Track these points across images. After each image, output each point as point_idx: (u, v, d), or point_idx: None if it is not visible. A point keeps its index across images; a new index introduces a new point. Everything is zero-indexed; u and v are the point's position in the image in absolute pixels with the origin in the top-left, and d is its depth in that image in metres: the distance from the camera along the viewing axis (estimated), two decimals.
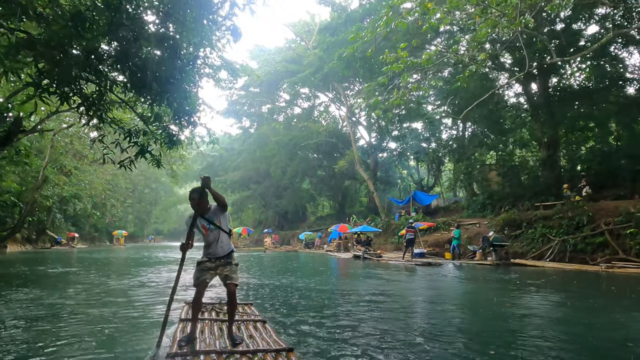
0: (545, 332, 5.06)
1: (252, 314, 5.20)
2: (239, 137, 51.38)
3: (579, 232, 14.65)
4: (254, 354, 3.52)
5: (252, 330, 4.32)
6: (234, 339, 3.85)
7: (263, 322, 4.69)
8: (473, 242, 19.03)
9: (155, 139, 10.80)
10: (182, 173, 33.98)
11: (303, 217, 50.66)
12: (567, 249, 14.54)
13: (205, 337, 4.02)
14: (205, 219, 3.98)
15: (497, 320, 5.84)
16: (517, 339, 4.75)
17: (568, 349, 4.33)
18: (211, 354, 3.45)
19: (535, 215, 16.93)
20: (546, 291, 8.62)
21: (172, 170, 23.48)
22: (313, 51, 32.69)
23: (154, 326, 4.89)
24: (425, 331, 5.07)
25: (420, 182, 36.00)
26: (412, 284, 10.62)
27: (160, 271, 13.53)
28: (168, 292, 5.03)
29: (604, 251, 13.61)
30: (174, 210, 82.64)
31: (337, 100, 41.39)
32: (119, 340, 4.55)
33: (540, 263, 14.32)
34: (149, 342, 4.31)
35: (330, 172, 43.12)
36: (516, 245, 16.64)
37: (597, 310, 6.70)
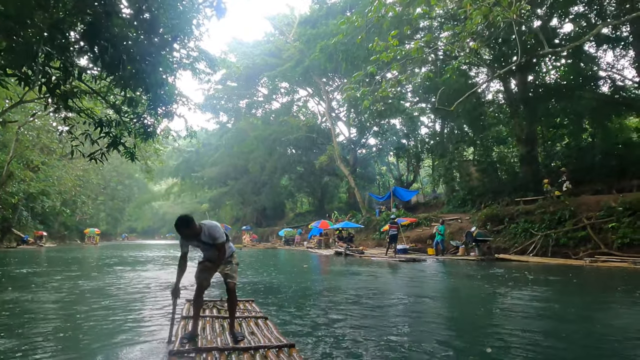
0: (541, 328, 4.81)
1: (253, 311, 5.18)
2: (216, 132, 50.35)
3: (561, 226, 14.73)
4: (255, 350, 3.53)
5: (253, 327, 4.34)
6: (236, 335, 3.88)
7: (264, 319, 4.69)
8: (455, 237, 18.99)
9: (129, 131, 10.12)
10: (157, 169, 32.89)
11: (282, 214, 50.12)
12: (550, 244, 14.59)
13: (207, 334, 4.04)
14: (200, 241, 3.84)
15: (490, 316, 5.56)
16: (510, 334, 4.51)
17: (559, 347, 4.09)
18: (213, 351, 3.46)
19: (517, 210, 16.98)
20: (534, 286, 8.47)
21: (147, 165, 22.52)
22: (293, 44, 32.11)
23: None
24: (423, 328, 4.74)
25: (400, 178, 35.99)
26: (399, 280, 10.33)
27: (137, 272, 12.82)
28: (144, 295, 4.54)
29: (586, 245, 13.71)
30: (149, 208, 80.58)
31: (316, 95, 40.95)
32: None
33: (524, 258, 14.33)
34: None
35: (309, 168, 42.70)
36: (499, 240, 16.65)
37: (591, 304, 6.54)
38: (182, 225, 3.63)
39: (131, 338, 4.39)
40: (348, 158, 35.99)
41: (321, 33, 24.71)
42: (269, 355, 3.43)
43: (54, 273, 11.94)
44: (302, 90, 42.77)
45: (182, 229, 3.64)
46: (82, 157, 10.18)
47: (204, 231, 3.76)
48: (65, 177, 31.74)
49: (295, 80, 36.62)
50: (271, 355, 3.42)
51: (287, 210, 52.27)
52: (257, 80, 41.65)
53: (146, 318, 5.49)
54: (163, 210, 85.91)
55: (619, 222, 13.02)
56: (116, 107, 9.07)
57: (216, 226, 3.83)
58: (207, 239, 3.78)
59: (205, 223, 3.82)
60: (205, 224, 3.80)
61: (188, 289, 7.42)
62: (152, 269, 13.39)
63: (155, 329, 4.81)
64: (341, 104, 39.33)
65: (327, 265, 15.34)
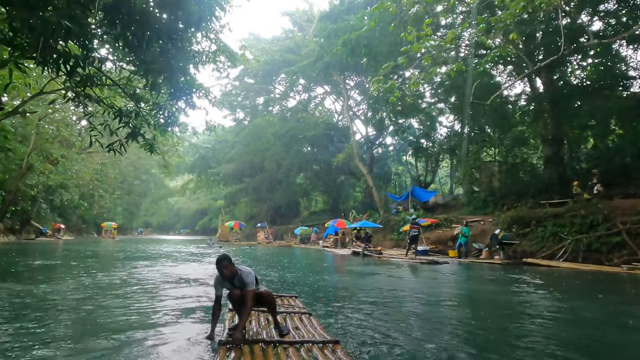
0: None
1: (297, 306, 5.26)
2: (232, 129, 50.26)
3: (593, 231, 13.99)
4: (301, 344, 3.60)
5: (297, 322, 4.41)
6: (281, 329, 3.95)
7: (309, 315, 4.74)
8: (478, 239, 18.35)
9: (148, 122, 9.84)
10: (174, 164, 32.86)
11: (296, 212, 49.81)
12: (581, 249, 13.87)
13: (253, 326, 4.19)
14: (232, 283, 4.01)
15: (541, 327, 5.07)
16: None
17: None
18: (260, 342, 3.58)
19: (545, 213, 16.26)
20: (578, 295, 7.91)
21: (165, 160, 22.36)
22: (313, 39, 31.66)
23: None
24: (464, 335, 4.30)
25: (418, 178, 35.33)
26: (426, 283, 9.86)
27: (157, 268, 12.59)
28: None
29: (621, 251, 12.97)
30: (164, 203, 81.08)
31: (334, 93, 40.50)
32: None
33: (554, 263, 13.65)
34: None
35: (325, 167, 42.30)
36: (525, 244, 15.97)
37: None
38: (225, 259, 3.89)
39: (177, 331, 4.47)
40: (365, 157, 35.46)
41: (342, 28, 24.22)
42: (313, 350, 3.47)
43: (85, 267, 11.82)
44: (319, 88, 42.41)
45: (226, 262, 3.88)
46: (100, 151, 9.92)
47: (239, 275, 3.95)
48: (84, 171, 31.92)
49: (313, 78, 36.21)
50: (315, 350, 3.46)
51: (302, 209, 51.96)
52: (275, 77, 41.36)
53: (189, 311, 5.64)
54: (178, 206, 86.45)
55: None
56: (136, 96, 8.79)
57: (250, 273, 3.98)
58: (239, 283, 3.95)
59: (241, 268, 4.01)
60: (241, 269, 3.98)
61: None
62: (179, 264, 13.17)
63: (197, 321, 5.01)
64: (358, 102, 38.86)
65: (347, 265, 14.92)
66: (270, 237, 39.00)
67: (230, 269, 3.90)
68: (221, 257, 3.94)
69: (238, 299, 3.96)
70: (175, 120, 9.91)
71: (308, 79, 36.68)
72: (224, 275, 3.93)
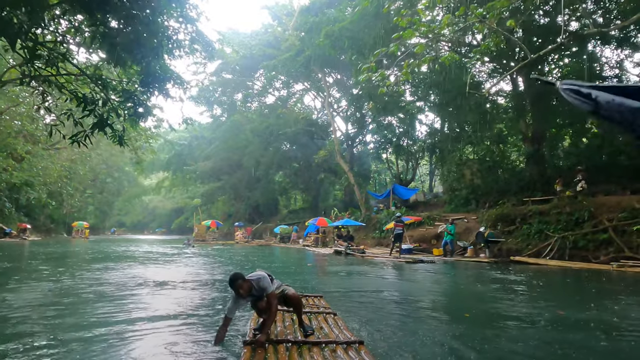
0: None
1: (322, 306, 5.19)
2: (209, 126, 48.93)
3: (579, 228, 13.87)
4: (325, 344, 3.57)
5: (322, 322, 4.37)
6: (306, 329, 3.92)
7: (333, 315, 4.67)
8: (462, 237, 18.10)
9: (117, 111, 8.98)
10: (148, 160, 31.54)
11: (275, 211, 49.02)
12: (567, 246, 13.73)
13: (277, 326, 4.15)
14: (252, 295, 3.89)
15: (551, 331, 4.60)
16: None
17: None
18: (284, 343, 3.56)
19: (530, 210, 16.11)
20: (575, 294, 7.56)
21: (137, 155, 21.21)
22: (294, 33, 30.91)
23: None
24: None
25: (399, 176, 35.10)
26: (418, 285, 9.38)
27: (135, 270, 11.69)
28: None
29: (607, 249, 12.85)
30: (138, 202, 78.61)
31: (313, 89, 39.87)
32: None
33: (542, 261, 13.44)
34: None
35: (305, 164, 41.66)
36: (510, 242, 15.78)
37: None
38: (239, 279, 3.77)
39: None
40: (345, 155, 35.02)
41: (324, 20, 23.59)
42: (338, 351, 3.43)
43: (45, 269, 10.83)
44: (299, 84, 41.70)
45: (240, 282, 3.76)
46: (69, 147, 9.00)
47: (254, 285, 3.83)
48: (51, 168, 30.26)
49: (293, 74, 35.52)
50: (340, 351, 3.42)
51: (281, 207, 51.20)
52: (254, 72, 40.37)
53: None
54: (153, 204, 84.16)
55: None
56: (103, 82, 7.94)
57: (262, 276, 3.87)
58: (257, 292, 3.84)
59: (252, 277, 3.88)
60: (252, 278, 3.86)
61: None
62: (151, 265, 12.29)
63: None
64: (337, 99, 38.36)
65: (329, 265, 14.35)
66: (249, 236, 38.16)
67: (246, 286, 3.78)
68: (234, 276, 3.82)
69: (265, 309, 3.86)
70: (147, 111, 9.10)
71: (288, 74, 35.89)
72: (240, 295, 3.80)
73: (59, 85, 8.50)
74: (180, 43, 10.94)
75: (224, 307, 4.53)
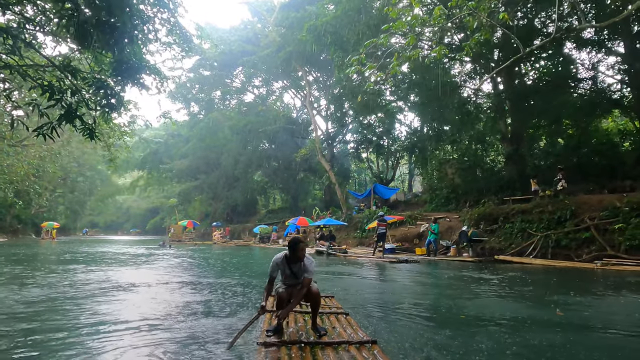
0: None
1: (334, 306, 5.19)
2: (186, 124, 47.70)
3: (562, 227, 13.89)
4: (338, 345, 3.56)
5: (335, 322, 4.37)
6: (319, 330, 3.92)
7: (346, 315, 4.69)
8: (444, 236, 17.99)
9: (87, 102, 8.36)
10: (122, 158, 30.33)
11: (253, 211, 48.31)
12: (550, 245, 13.73)
13: (290, 327, 4.15)
14: (292, 270, 4.08)
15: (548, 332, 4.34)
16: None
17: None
18: (298, 344, 3.56)
19: (513, 209, 16.11)
20: (565, 293, 7.39)
21: (110, 152, 20.21)
22: (274, 29, 30.31)
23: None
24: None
25: (379, 175, 34.98)
26: (408, 288, 9.09)
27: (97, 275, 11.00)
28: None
29: (590, 247, 12.88)
30: (112, 202, 76.15)
31: (293, 87, 39.41)
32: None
33: (526, 260, 13.39)
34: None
35: (284, 163, 41.14)
36: (493, 241, 15.72)
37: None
38: (302, 242, 4.02)
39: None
40: (325, 154, 34.70)
41: (306, 16, 23.15)
42: (351, 351, 3.43)
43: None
44: (278, 82, 41.14)
45: (302, 245, 4.00)
46: (37, 144, 8.30)
47: (303, 262, 4.01)
48: (17, 165, 28.71)
49: (273, 71, 34.99)
50: (353, 351, 3.42)
51: (260, 207, 50.52)
52: (233, 69, 39.56)
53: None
54: (127, 204, 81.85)
55: (626, 223, 12.25)
56: (70, 68, 7.30)
57: (313, 262, 4.07)
58: (300, 270, 4.02)
59: (307, 256, 4.06)
60: (307, 256, 4.05)
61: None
62: (122, 268, 11.60)
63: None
64: (317, 98, 38.00)
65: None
66: (227, 236, 37.40)
67: (303, 253, 4.00)
68: (298, 239, 4.06)
69: (286, 300, 3.97)
70: (120, 102, 8.48)
71: (268, 71, 35.30)
72: (294, 257, 4.00)
73: (23, 73, 7.82)
74: (156, 30, 10.37)
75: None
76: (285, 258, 4.06)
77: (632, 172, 16.99)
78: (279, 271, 4.10)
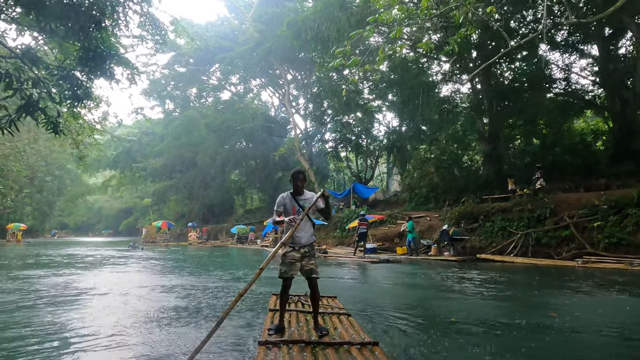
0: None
1: (336, 307, 5.17)
2: (161, 121, 46.38)
3: (541, 225, 13.99)
4: (340, 345, 3.55)
5: (337, 323, 4.35)
6: (320, 330, 3.88)
7: (347, 315, 4.69)
8: (425, 235, 17.90)
9: (49, 92, 7.75)
10: (93, 157, 29.12)
11: (230, 211, 47.48)
12: (530, 243, 13.79)
13: (292, 327, 4.09)
14: (297, 201, 4.02)
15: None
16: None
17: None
18: (299, 343, 3.55)
19: (493, 207, 16.15)
20: (554, 293, 7.27)
21: (80, 150, 19.20)
22: (252, 24, 29.67)
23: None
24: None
25: (358, 174, 34.87)
26: (392, 287, 8.82)
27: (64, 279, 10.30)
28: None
29: (569, 245, 12.99)
30: (83, 202, 73.29)
31: (272, 85, 38.87)
32: None
33: (508, 258, 13.39)
34: None
35: (262, 162, 40.55)
36: (474, 239, 15.71)
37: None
38: (302, 173, 4.09)
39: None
40: (304, 152, 34.34)
41: (285, 11, 22.70)
42: (352, 351, 3.43)
43: None
44: (256, 80, 40.48)
45: (302, 176, 4.03)
46: (1, 141, 7.65)
47: (307, 195, 4.05)
48: None
49: (250, 70, 34.40)
50: (354, 352, 3.42)
51: (237, 207, 49.70)
52: (209, 66, 38.64)
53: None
54: (99, 204, 79.12)
55: (605, 221, 12.39)
56: (30, 55, 6.68)
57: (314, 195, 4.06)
58: (306, 201, 3.96)
59: (310, 192, 4.14)
60: (310, 193, 4.11)
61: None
62: (87, 272, 10.90)
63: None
64: (295, 96, 37.59)
65: None
66: (204, 236, 36.53)
67: (302, 183, 4.03)
68: (297, 169, 4.12)
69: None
70: (87, 94, 7.87)
71: (245, 69, 34.63)
72: (296, 188, 4.01)
73: None
74: (126, 15, 9.77)
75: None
76: (290, 194, 4.05)
77: (607, 171, 17.32)
78: (284, 207, 4.03)
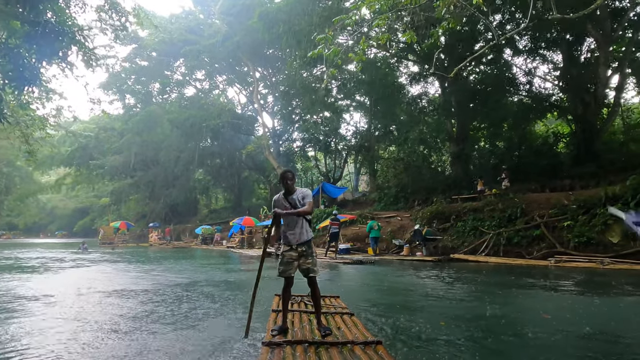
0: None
1: (339, 306, 5.17)
2: (120, 117, 44.12)
3: (512, 224, 14.10)
4: (343, 345, 3.53)
5: (340, 322, 4.34)
6: (324, 329, 3.85)
7: (350, 315, 4.67)
8: (397, 235, 17.73)
9: None
10: (45, 153, 27.17)
11: (194, 210, 46.08)
12: (501, 243, 13.86)
13: (295, 327, 4.09)
14: (289, 200, 4.06)
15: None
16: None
17: None
18: (303, 343, 3.54)
19: (464, 207, 16.18)
20: (540, 294, 7.12)
21: (29, 145, 17.65)
22: (220, 17, 28.61)
23: None
24: None
25: (327, 174, 34.55)
26: (370, 290, 8.44)
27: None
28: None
29: (540, 244, 13.13)
30: (34, 201, 68.86)
31: (239, 82, 37.87)
32: None
33: (482, 258, 13.37)
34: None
35: (228, 161, 39.50)
36: (446, 239, 15.66)
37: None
38: (290, 172, 4.17)
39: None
40: (272, 151, 33.65)
41: (255, 4, 21.95)
42: (356, 351, 3.40)
43: None
44: (222, 76, 39.31)
45: (291, 175, 4.11)
46: None
47: (297, 192, 4.08)
48: None
49: (217, 64, 33.30)
50: (358, 351, 3.40)
51: (201, 207, 48.31)
52: (173, 60, 37.11)
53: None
54: (52, 204, 74.57)
55: (574, 221, 12.58)
56: None
57: (307, 190, 4.20)
58: (296, 199, 4.01)
59: (300, 188, 4.18)
60: (299, 188, 4.18)
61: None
62: (31, 276, 9.87)
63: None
64: (264, 95, 36.79)
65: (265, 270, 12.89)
66: (167, 237, 35.04)
67: (291, 183, 4.05)
68: (285, 170, 4.19)
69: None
70: (35, 76, 6.98)
71: (211, 64, 33.48)
72: (286, 189, 4.04)
73: None
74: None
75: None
76: (283, 195, 4.10)
77: (571, 172, 17.75)
78: (278, 208, 4.04)
